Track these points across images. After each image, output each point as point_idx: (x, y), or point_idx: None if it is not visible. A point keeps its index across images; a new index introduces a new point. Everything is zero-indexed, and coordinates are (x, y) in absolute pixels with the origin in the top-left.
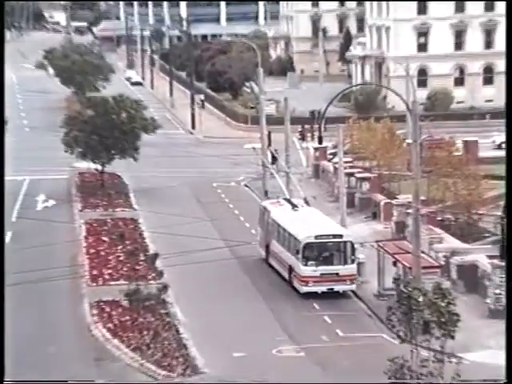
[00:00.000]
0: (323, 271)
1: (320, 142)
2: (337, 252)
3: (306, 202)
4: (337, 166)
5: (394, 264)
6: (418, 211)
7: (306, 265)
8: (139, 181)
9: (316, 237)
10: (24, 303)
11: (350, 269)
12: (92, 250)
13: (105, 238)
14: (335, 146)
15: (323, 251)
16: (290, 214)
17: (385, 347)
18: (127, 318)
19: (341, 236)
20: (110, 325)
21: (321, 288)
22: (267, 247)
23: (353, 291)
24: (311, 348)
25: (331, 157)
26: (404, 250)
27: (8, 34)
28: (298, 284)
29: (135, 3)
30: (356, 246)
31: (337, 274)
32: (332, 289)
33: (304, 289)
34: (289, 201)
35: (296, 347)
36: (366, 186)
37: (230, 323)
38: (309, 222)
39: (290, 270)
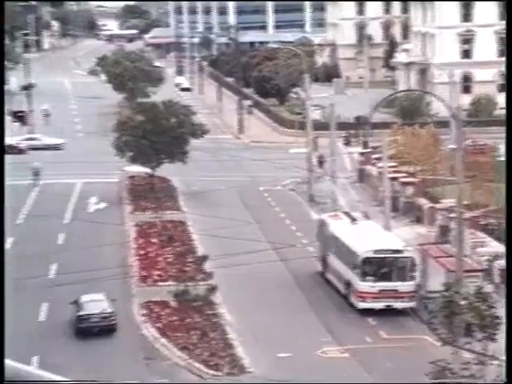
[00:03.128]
0: (382, 287)
1: (365, 147)
2: (396, 268)
3: (366, 216)
4: (381, 170)
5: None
6: (461, 215)
7: (363, 280)
8: (188, 184)
9: (375, 251)
10: None
11: (409, 286)
12: (141, 252)
13: (154, 240)
14: (380, 151)
15: (382, 266)
16: (349, 227)
17: (427, 349)
18: (175, 318)
19: (401, 251)
20: (159, 324)
21: (378, 305)
22: (324, 261)
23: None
24: (355, 349)
25: (376, 161)
26: (447, 253)
27: (63, 42)
28: (355, 300)
29: (185, 11)
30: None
31: (396, 290)
32: (390, 306)
33: (361, 305)
34: (348, 214)
35: (340, 348)
36: (409, 190)
37: (276, 324)
38: (368, 236)
39: (347, 285)
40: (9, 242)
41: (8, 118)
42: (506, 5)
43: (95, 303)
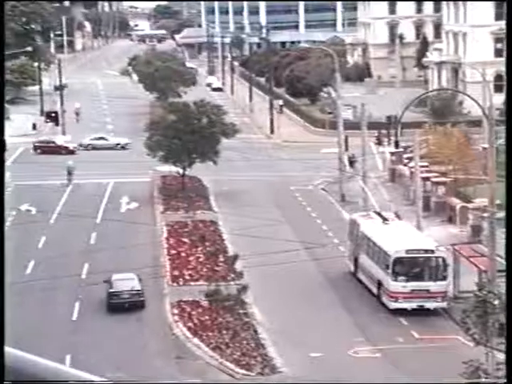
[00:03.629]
0: (413, 287)
1: (396, 146)
2: (428, 268)
3: (397, 216)
4: (413, 170)
5: None
6: (493, 215)
7: (395, 280)
8: (219, 184)
9: (407, 251)
10: None
11: (442, 285)
12: (173, 251)
13: (185, 240)
14: (411, 151)
15: (414, 266)
16: (381, 227)
17: (460, 349)
18: (207, 317)
19: (433, 251)
20: (191, 324)
21: (411, 304)
22: (356, 261)
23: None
24: (387, 349)
25: (407, 161)
26: (479, 253)
27: (95, 42)
28: (386, 300)
29: (216, 11)
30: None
31: (428, 290)
32: (422, 306)
33: (393, 305)
34: (379, 214)
35: (372, 348)
36: (441, 189)
37: (307, 324)
38: (399, 236)
39: (379, 285)
40: (42, 242)
41: (41, 119)
42: (507, 5)
43: (125, 281)
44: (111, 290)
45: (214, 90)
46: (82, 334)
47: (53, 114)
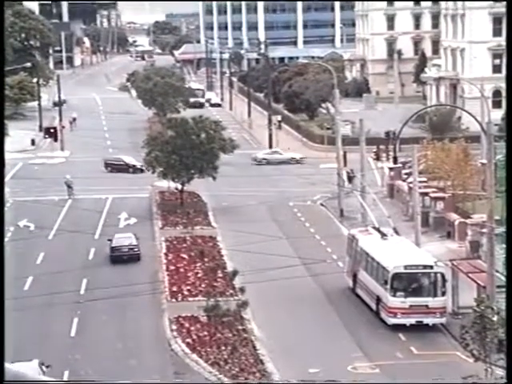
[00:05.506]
0: (412, 303)
1: (395, 162)
2: (427, 283)
3: (396, 232)
4: (411, 185)
5: None
6: (492, 231)
7: (394, 296)
8: (218, 199)
9: (405, 267)
10: (107, 317)
11: (440, 301)
12: (172, 267)
13: (184, 255)
14: (410, 166)
15: (412, 282)
16: (379, 243)
17: (459, 365)
18: (205, 333)
19: (431, 267)
20: (189, 340)
21: (409, 320)
22: (354, 276)
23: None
24: (386, 365)
25: (406, 176)
26: (478, 269)
27: (94, 58)
28: (385, 315)
29: (215, 27)
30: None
31: (426, 306)
32: (421, 321)
33: (392, 320)
34: (378, 230)
35: (371, 364)
36: (440, 205)
37: (306, 339)
38: (398, 252)
39: (378, 300)
40: (40, 258)
41: (40, 134)
42: (506, 5)
43: (125, 239)
44: (113, 245)
45: (213, 105)
46: (81, 349)
47: (51, 130)
